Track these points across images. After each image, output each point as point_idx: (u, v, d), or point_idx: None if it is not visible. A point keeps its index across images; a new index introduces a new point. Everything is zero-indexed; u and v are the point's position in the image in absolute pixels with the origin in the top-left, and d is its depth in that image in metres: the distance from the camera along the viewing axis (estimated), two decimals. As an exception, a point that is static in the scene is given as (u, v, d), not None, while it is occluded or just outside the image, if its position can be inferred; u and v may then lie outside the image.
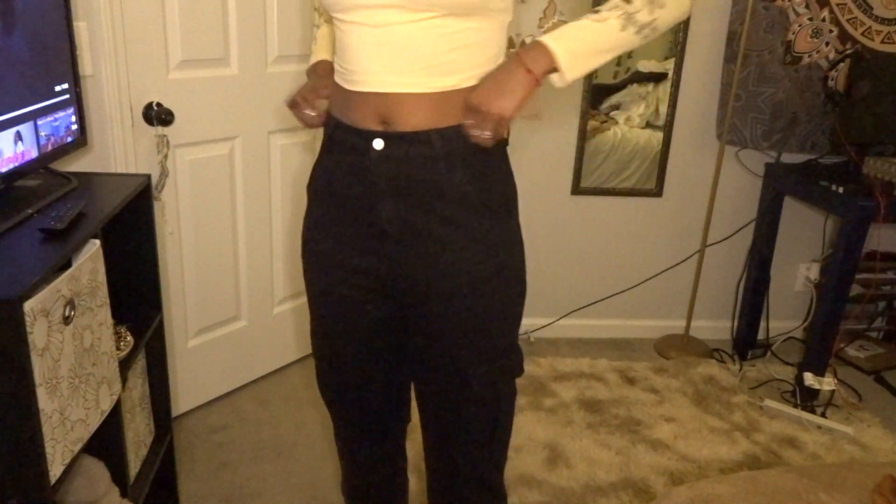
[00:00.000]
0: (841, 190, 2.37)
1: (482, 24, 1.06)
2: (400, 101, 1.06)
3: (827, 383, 2.46)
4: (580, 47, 1.03)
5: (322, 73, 1.25)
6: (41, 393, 1.08)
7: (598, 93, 2.72)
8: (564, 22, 1.14)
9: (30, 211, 1.32)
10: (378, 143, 1.08)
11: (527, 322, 2.96)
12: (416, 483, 1.95)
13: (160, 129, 2.00)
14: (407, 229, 1.11)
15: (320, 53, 1.30)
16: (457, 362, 1.17)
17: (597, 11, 1.04)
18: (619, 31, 1.03)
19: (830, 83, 2.58)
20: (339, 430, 1.39)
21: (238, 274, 2.39)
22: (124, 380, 1.44)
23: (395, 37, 1.03)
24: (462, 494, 1.28)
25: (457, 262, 1.11)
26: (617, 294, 2.99)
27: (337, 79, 1.15)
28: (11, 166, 1.31)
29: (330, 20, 1.24)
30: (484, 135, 1.06)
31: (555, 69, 1.04)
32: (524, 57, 1.04)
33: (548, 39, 1.03)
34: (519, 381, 2.63)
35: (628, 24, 1.03)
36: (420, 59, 1.04)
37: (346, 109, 1.13)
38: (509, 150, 1.19)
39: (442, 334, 1.16)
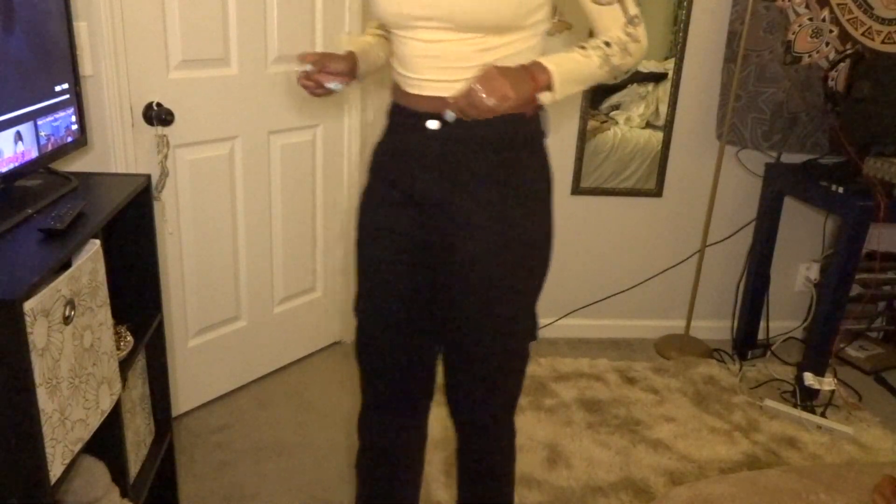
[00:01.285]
0: (841, 190, 2.37)
1: (519, 36, 1.24)
2: (448, 102, 1.21)
3: (827, 383, 2.46)
4: (569, 75, 1.23)
5: (343, 54, 1.38)
6: (41, 393, 1.08)
7: (598, 93, 2.72)
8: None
9: (30, 211, 1.32)
10: (432, 124, 1.27)
11: (527, 322, 2.96)
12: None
13: (160, 129, 2.00)
14: (441, 201, 1.29)
15: (353, 46, 1.44)
16: (472, 320, 1.33)
17: (583, 48, 1.24)
18: (597, 68, 1.24)
19: (830, 83, 2.58)
20: (367, 401, 1.52)
21: (238, 274, 2.39)
22: (124, 380, 1.44)
23: (444, 51, 1.23)
24: (472, 433, 1.47)
25: (479, 233, 1.28)
26: (617, 294, 2.99)
27: (396, 79, 1.35)
28: (11, 166, 1.31)
29: (380, 34, 1.48)
30: (472, 109, 1.17)
31: (549, 87, 1.21)
32: (532, 69, 1.20)
33: (547, 62, 1.21)
34: (519, 381, 2.60)
35: (604, 64, 1.25)
36: (465, 70, 1.23)
37: (405, 104, 1.33)
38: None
39: (462, 295, 1.32)
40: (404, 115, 1.33)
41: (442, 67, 1.25)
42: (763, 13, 2.53)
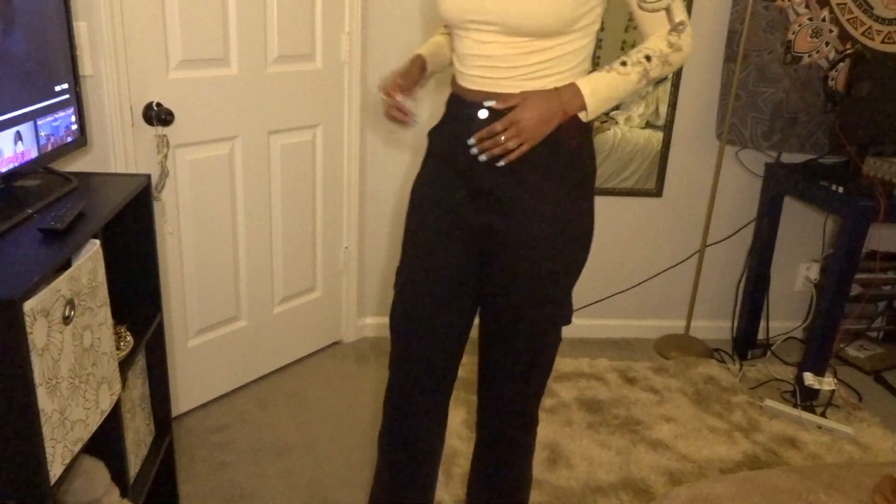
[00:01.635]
0: (841, 190, 2.37)
1: (567, 39, 1.30)
2: (499, 96, 1.33)
3: (827, 383, 2.46)
4: (605, 94, 1.30)
5: (415, 61, 1.49)
6: (41, 393, 1.08)
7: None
8: None
9: (30, 211, 1.32)
10: (483, 113, 1.34)
11: (527, 322, 2.96)
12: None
13: (160, 129, 2.00)
14: (495, 188, 1.36)
15: (423, 49, 1.53)
16: (515, 300, 1.40)
17: (623, 64, 1.30)
18: (635, 84, 1.31)
19: (830, 83, 2.58)
20: (394, 376, 1.54)
21: (238, 274, 2.39)
22: (124, 380, 1.44)
23: (494, 52, 1.31)
24: (501, 417, 1.51)
25: (530, 220, 1.34)
26: (617, 294, 2.99)
27: (454, 71, 1.43)
28: (11, 166, 1.31)
29: (446, 33, 1.56)
30: (505, 145, 1.29)
31: (583, 107, 1.31)
32: (563, 97, 1.29)
33: (581, 84, 1.29)
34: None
35: (642, 79, 1.31)
36: (514, 69, 1.31)
37: (461, 93, 1.41)
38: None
39: (509, 276, 1.39)
40: (459, 105, 1.40)
41: (490, 66, 1.32)
42: (763, 13, 2.54)
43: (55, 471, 1.15)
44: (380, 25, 2.54)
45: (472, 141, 1.32)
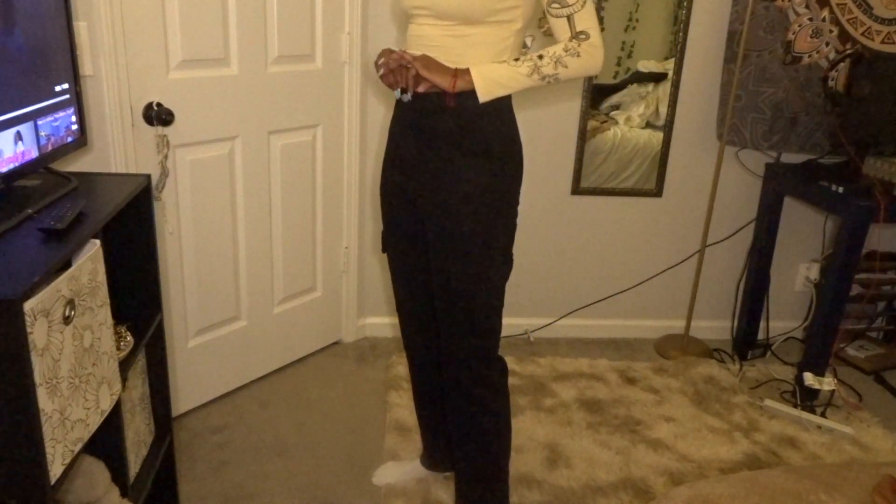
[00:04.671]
0: (841, 190, 2.37)
1: (486, 30, 1.50)
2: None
3: (827, 383, 2.46)
4: (494, 79, 1.49)
5: None
6: (41, 393, 1.08)
7: (598, 93, 2.72)
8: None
9: (30, 211, 1.32)
10: (405, 97, 1.56)
11: (527, 322, 2.96)
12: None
13: (160, 129, 2.00)
14: (419, 159, 1.59)
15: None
16: (442, 261, 1.60)
17: (516, 59, 1.49)
18: (526, 76, 1.48)
19: (830, 83, 2.58)
20: (401, 322, 1.87)
21: (238, 274, 2.39)
22: (124, 380, 1.44)
23: (426, 33, 1.53)
24: (452, 369, 1.68)
25: (447, 185, 1.55)
26: (617, 294, 2.99)
27: None
28: (11, 166, 1.31)
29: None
30: (399, 79, 1.52)
31: (470, 82, 1.48)
32: (458, 71, 1.49)
33: (474, 69, 1.48)
34: (518, 382, 2.64)
35: (534, 73, 1.48)
36: (442, 52, 1.51)
37: None
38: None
39: (437, 239, 1.59)
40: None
41: (423, 45, 1.54)
42: (763, 13, 2.54)
43: (55, 471, 1.15)
44: (380, 25, 2.54)
45: (382, 60, 1.54)
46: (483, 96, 1.49)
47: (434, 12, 1.50)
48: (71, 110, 1.52)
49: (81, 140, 1.57)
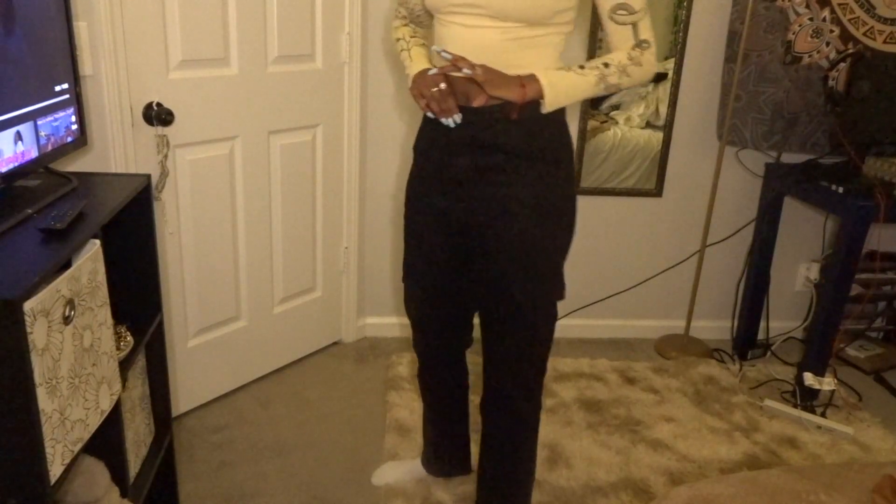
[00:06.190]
0: (841, 190, 2.37)
1: (546, 31, 1.41)
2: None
3: (827, 383, 2.46)
4: (562, 87, 1.40)
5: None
6: (41, 393, 1.08)
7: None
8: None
9: (30, 211, 1.32)
10: (457, 117, 1.44)
11: (527, 322, 2.96)
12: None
13: (160, 129, 2.00)
14: (477, 178, 1.49)
15: (424, 63, 1.58)
16: (506, 281, 1.50)
17: (581, 67, 1.42)
18: (593, 86, 1.41)
19: (831, 83, 2.58)
20: (418, 356, 1.83)
21: (238, 274, 2.39)
22: (124, 380, 1.44)
23: (482, 37, 1.40)
24: (506, 393, 1.61)
25: (516, 199, 1.46)
26: (617, 294, 2.99)
27: (436, 62, 1.51)
28: (11, 166, 1.31)
29: (415, 34, 1.65)
30: (474, 68, 1.36)
31: (541, 97, 1.40)
32: (524, 79, 1.39)
33: (540, 75, 1.39)
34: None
35: (600, 82, 1.41)
36: (500, 57, 1.40)
37: None
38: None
39: (497, 258, 1.50)
40: None
41: (469, 49, 1.41)
42: (763, 13, 2.54)
43: (55, 471, 1.15)
44: (380, 25, 2.54)
45: (447, 55, 1.37)
46: (548, 107, 1.41)
47: (491, 11, 1.37)
48: (71, 110, 1.52)
49: (81, 140, 1.57)
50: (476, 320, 1.70)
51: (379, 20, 2.53)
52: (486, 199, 1.48)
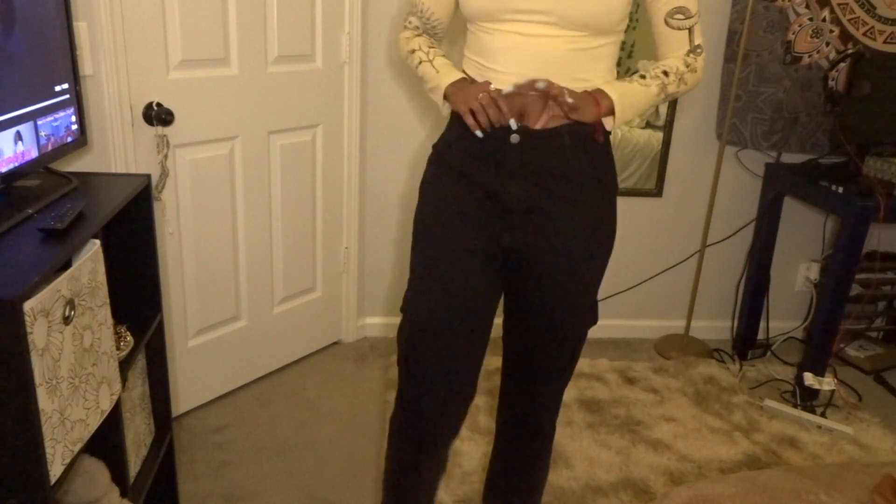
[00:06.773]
0: (841, 190, 2.37)
1: (609, 41, 1.30)
2: (539, 102, 1.27)
3: (827, 383, 2.46)
4: (629, 101, 1.30)
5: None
6: (41, 393, 1.08)
7: (598, 93, 2.72)
8: None
9: (30, 211, 1.32)
10: (514, 138, 1.28)
11: (527, 322, 2.96)
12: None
13: (160, 129, 2.00)
14: (529, 207, 1.33)
15: (456, 73, 1.40)
16: (554, 314, 1.40)
17: (643, 77, 1.33)
18: (655, 97, 1.33)
19: (831, 83, 2.58)
20: (405, 404, 1.44)
21: (238, 274, 2.39)
22: (124, 380, 1.44)
23: (544, 47, 1.25)
24: (538, 416, 1.53)
25: (567, 231, 1.34)
26: (617, 294, 2.99)
27: (473, 74, 1.36)
28: (11, 166, 1.31)
29: (432, 44, 1.49)
30: (562, 110, 1.25)
31: (612, 113, 1.29)
32: (595, 94, 1.28)
33: (610, 90, 1.28)
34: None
35: (661, 92, 1.33)
36: (563, 69, 1.26)
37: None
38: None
39: (547, 291, 1.38)
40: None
41: (539, 64, 1.26)
42: (763, 13, 2.54)
43: (55, 471, 1.15)
44: (380, 25, 2.54)
45: (541, 84, 1.22)
46: (618, 123, 1.30)
47: (556, 18, 1.22)
48: (71, 110, 1.52)
49: (81, 140, 1.57)
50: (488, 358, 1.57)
51: (379, 20, 2.53)
52: (542, 230, 1.34)
